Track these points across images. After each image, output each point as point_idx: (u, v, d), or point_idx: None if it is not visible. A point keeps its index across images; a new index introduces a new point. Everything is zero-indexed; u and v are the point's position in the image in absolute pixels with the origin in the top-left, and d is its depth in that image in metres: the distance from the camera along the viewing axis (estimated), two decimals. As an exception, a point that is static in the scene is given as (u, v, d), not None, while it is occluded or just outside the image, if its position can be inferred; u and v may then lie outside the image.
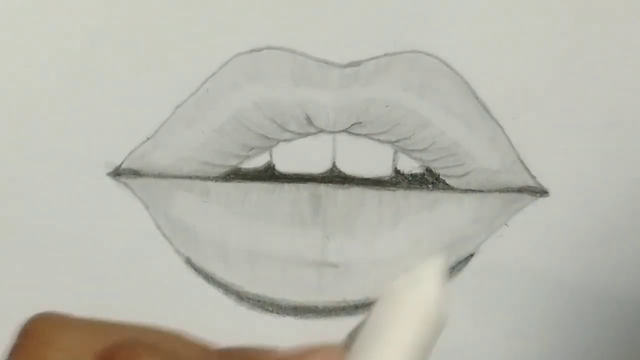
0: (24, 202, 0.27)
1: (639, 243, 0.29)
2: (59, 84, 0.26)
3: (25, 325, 0.17)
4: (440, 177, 0.28)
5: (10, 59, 0.26)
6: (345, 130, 0.27)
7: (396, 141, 0.27)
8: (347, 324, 0.29)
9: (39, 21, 0.26)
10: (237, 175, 0.28)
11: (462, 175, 0.28)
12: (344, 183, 0.28)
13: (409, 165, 0.28)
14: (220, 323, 0.22)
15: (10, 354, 0.17)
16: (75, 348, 0.16)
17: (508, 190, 0.28)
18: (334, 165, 0.28)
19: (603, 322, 0.30)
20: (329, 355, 0.21)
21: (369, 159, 0.28)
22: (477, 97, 0.27)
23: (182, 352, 0.17)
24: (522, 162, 0.28)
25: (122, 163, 0.27)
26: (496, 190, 0.28)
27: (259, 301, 0.29)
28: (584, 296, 0.30)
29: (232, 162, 0.27)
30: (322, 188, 0.28)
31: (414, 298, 0.22)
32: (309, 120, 0.27)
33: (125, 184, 0.27)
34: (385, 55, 0.27)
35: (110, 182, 0.27)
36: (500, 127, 0.27)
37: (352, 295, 0.29)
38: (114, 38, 0.26)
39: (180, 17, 0.26)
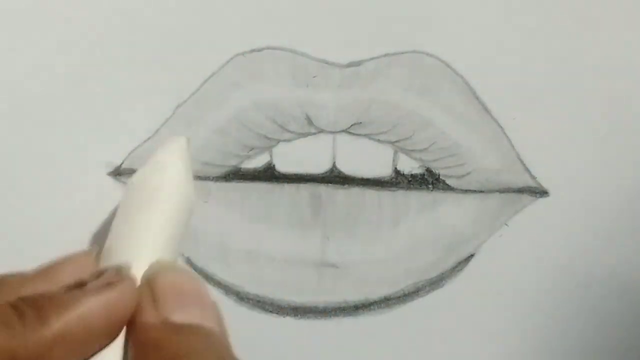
0: (24, 201, 0.27)
1: (638, 243, 0.29)
2: (59, 84, 0.26)
3: None
4: (441, 177, 0.28)
5: (10, 59, 0.26)
6: (346, 131, 0.27)
7: (396, 141, 0.27)
8: (347, 324, 0.29)
9: (40, 21, 0.26)
10: (237, 175, 0.28)
11: (463, 176, 0.28)
12: (344, 183, 0.28)
13: (409, 166, 0.28)
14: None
15: None
16: None
17: (508, 191, 0.28)
18: (334, 165, 0.28)
19: (603, 321, 0.30)
20: (79, 262, 0.21)
21: (369, 159, 0.28)
22: (477, 97, 0.27)
23: None
24: (522, 162, 0.28)
25: (122, 163, 0.27)
26: (496, 191, 0.28)
27: (259, 301, 0.29)
28: (584, 296, 0.30)
29: (232, 162, 0.27)
30: (322, 188, 0.28)
31: (158, 184, 0.22)
32: (309, 120, 0.27)
33: (125, 184, 0.27)
34: (385, 55, 0.27)
35: (110, 182, 0.27)
36: (500, 127, 0.27)
37: (352, 295, 0.29)
38: (114, 38, 0.26)
39: (181, 18, 0.26)
